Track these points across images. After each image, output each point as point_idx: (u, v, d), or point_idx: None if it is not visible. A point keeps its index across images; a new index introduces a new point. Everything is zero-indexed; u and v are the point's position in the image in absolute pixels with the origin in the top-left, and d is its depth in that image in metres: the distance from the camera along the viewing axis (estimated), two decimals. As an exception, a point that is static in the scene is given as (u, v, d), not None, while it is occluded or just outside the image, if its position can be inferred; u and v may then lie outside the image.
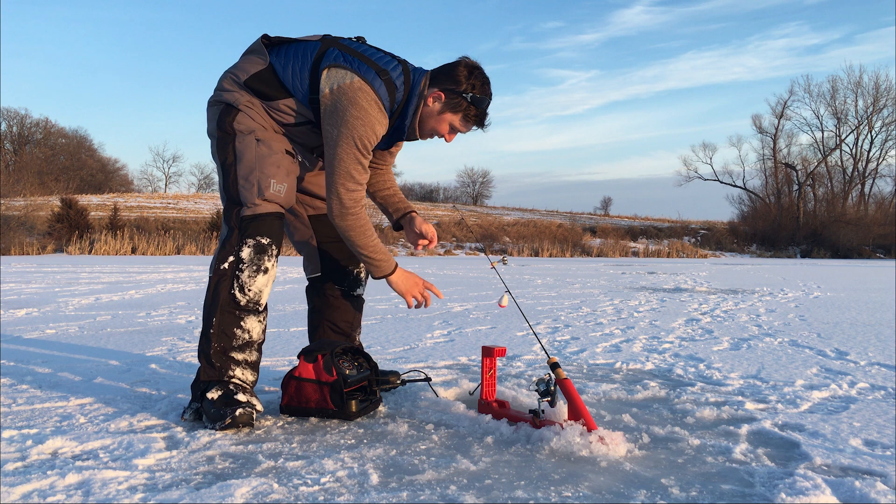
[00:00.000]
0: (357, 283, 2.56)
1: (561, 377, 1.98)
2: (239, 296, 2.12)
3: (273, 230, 2.17)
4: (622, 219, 48.50)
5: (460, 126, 2.27)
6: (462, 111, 2.22)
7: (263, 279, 2.15)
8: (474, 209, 50.15)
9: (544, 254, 29.63)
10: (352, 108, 2.10)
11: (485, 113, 2.26)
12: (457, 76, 2.20)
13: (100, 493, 1.50)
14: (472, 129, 2.29)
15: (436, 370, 3.01)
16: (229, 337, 2.12)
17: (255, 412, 2.05)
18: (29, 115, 47.81)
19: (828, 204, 41.54)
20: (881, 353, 3.53)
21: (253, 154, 2.18)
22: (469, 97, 2.20)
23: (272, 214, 2.17)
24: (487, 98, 2.24)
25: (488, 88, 2.24)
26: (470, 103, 2.21)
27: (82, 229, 24.22)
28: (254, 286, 2.13)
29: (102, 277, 10.03)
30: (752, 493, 1.55)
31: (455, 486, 1.56)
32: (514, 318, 5.03)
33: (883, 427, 2.10)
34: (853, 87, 42.45)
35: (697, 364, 3.22)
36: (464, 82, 2.20)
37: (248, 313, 2.15)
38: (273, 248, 2.17)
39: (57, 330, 4.28)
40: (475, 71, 2.22)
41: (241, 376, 2.13)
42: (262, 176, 2.16)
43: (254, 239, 2.13)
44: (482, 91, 2.22)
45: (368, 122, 2.11)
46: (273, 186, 2.16)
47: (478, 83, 2.21)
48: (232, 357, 2.12)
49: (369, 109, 2.11)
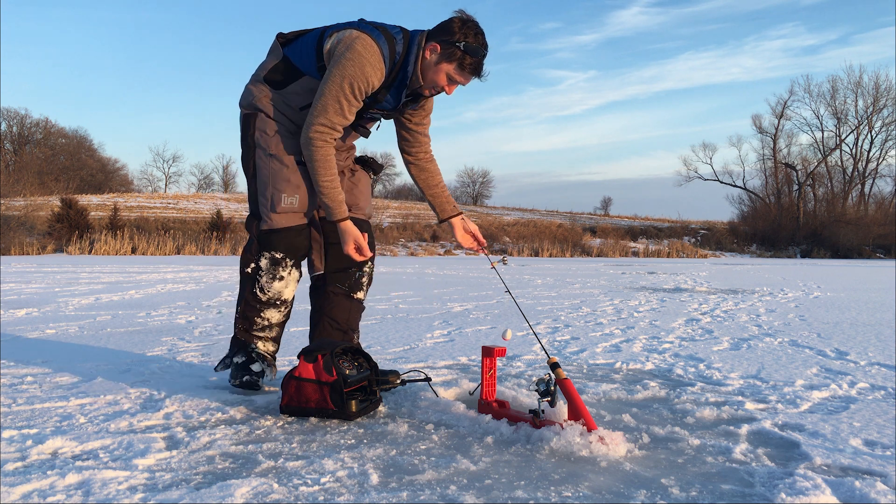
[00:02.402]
0: (358, 286, 2.61)
1: (561, 377, 1.98)
2: (260, 294, 2.47)
3: (286, 244, 2.42)
4: (622, 219, 48.50)
5: (456, 75, 2.32)
6: (457, 60, 2.29)
7: (280, 284, 2.46)
8: (474, 209, 50.15)
9: (544, 254, 29.64)
10: (348, 52, 2.24)
11: (480, 62, 2.31)
12: (451, 28, 2.29)
13: (100, 493, 1.50)
14: (469, 78, 2.35)
15: (436, 370, 3.01)
16: (251, 322, 2.49)
17: (260, 380, 2.45)
18: (29, 115, 47.87)
19: (828, 204, 41.52)
20: (881, 353, 3.53)
21: (267, 170, 2.40)
22: (462, 45, 2.27)
23: (287, 229, 2.41)
24: (481, 48, 2.30)
25: (482, 38, 2.31)
26: (464, 52, 2.27)
27: (82, 229, 24.22)
28: (272, 289, 2.46)
29: (102, 277, 10.03)
30: (752, 493, 1.55)
31: (455, 486, 1.56)
32: (514, 318, 5.03)
33: (883, 427, 2.11)
34: (853, 87, 42.46)
35: (697, 364, 3.22)
36: (457, 32, 2.28)
37: (269, 307, 2.49)
38: (287, 261, 2.44)
39: (57, 330, 4.28)
40: (468, 23, 2.31)
41: (262, 347, 2.50)
42: (274, 192, 2.39)
43: (269, 253, 2.43)
44: (476, 40, 2.29)
45: (360, 64, 2.23)
46: (284, 200, 2.38)
47: (471, 33, 2.28)
48: (255, 335, 2.50)
49: (364, 53, 2.23)
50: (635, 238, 37.28)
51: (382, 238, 30.04)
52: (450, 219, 2.67)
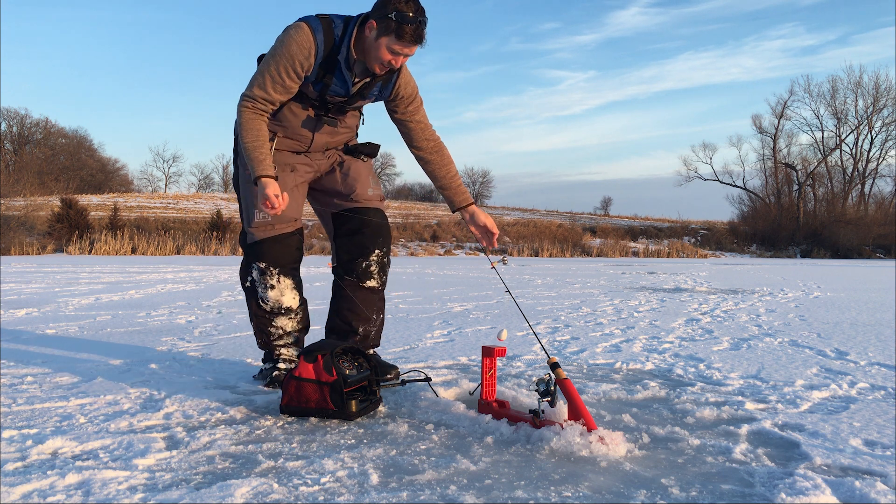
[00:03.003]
0: (367, 275, 2.66)
1: (561, 377, 1.98)
2: (263, 305, 2.62)
3: (268, 254, 2.58)
4: (622, 219, 48.49)
5: (395, 45, 2.31)
6: (393, 31, 2.29)
7: (274, 293, 2.60)
8: (474, 209, 50.05)
9: (544, 254, 29.63)
10: (282, 35, 2.38)
11: (417, 28, 2.29)
12: (385, 3, 2.30)
13: (100, 493, 1.50)
14: (408, 46, 2.31)
15: (436, 370, 3.00)
16: (267, 333, 2.66)
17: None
18: (29, 115, 47.81)
19: (828, 204, 41.49)
20: (881, 353, 3.53)
21: (245, 189, 2.61)
22: (394, 15, 2.26)
23: (266, 240, 2.57)
24: (416, 14, 2.28)
25: (414, 5, 2.29)
26: (397, 21, 2.27)
27: (82, 229, 24.22)
28: (270, 298, 2.60)
29: (102, 277, 10.03)
30: (752, 493, 1.55)
31: (455, 486, 1.56)
32: (514, 318, 5.03)
33: (883, 427, 2.11)
34: (853, 87, 42.38)
35: (697, 364, 3.22)
36: (389, 4, 2.28)
37: (276, 315, 2.63)
38: (272, 269, 2.58)
39: (57, 330, 4.28)
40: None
41: (286, 353, 2.67)
42: (249, 208, 2.59)
43: (255, 265, 2.60)
44: (407, 7, 2.28)
45: (287, 44, 2.35)
46: (257, 216, 2.55)
47: (402, 2, 2.28)
48: (275, 343, 2.66)
49: (294, 35, 2.35)
50: (635, 238, 37.27)
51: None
52: (460, 209, 2.62)
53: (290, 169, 2.60)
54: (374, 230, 2.66)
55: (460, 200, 2.61)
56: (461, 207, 2.61)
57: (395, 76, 2.51)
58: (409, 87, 2.57)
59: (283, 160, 2.58)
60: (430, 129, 2.65)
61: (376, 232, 2.66)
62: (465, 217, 2.62)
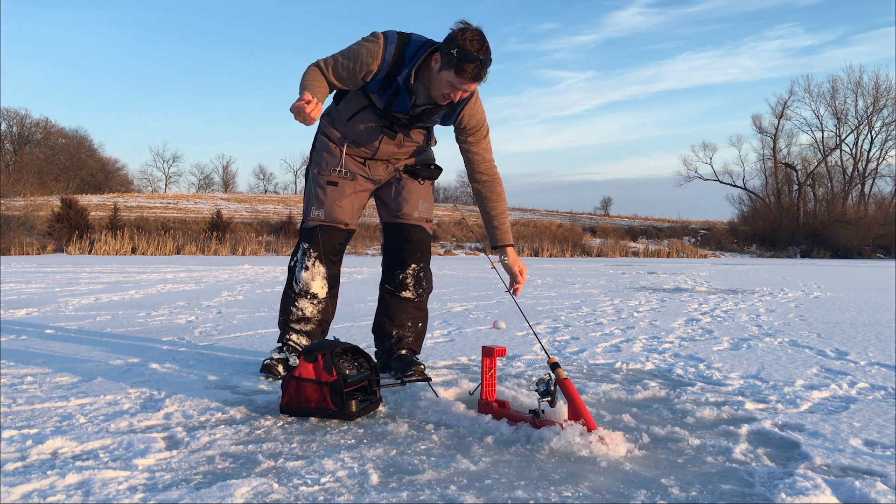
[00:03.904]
0: (402, 287, 2.85)
1: (561, 377, 1.98)
2: (294, 285, 2.82)
3: (312, 237, 2.79)
4: (622, 219, 48.47)
5: (454, 80, 2.39)
6: (454, 66, 2.37)
7: (307, 274, 2.79)
8: (474, 209, 50.10)
9: (544, 254, 29.64)
10: (362, 39, 2.54)
11: (477, 66, 2.36)
12: (450, 36, 2.38)
13: (100, 493, 1.50)
14: (465, 82, 2.40)
15: (436, 370, 3.00)
16: (288, 312, 2.84)
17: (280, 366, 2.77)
18: (29, 115, 47.78)
19: (828, 204, 41.50)
20: (881, 353, 3.53)
21: (308, 185, 2.85)
22: (456, 51, 2.34)
23: (316, 227, 2.78)
24: (477, 52, 2.34)
25: (478, 44, 2.35)
26: (458, 58, 2.34)
27: (82, 229, 24.23)
28: (301, 279, 2.80)
29: (102, 277, 10.03)
30: (752, 493, 1.55)
31: (455, 486, 1.56)
32: (514, 318, 5.03)
33: (883, 427, 2.11)
34: (853, 87, 42.43)
35: (697, 364, 3.22)
36: (455, 40, 2.36)
37: (300, 297, 2.80)
38: (311, 252, 2.79)
39: (57, 330, 4.28)
40: (466, 30, 2.38)
41: (295, 340, 2.83)
42: (308, 205, 2.83)
43: (301, 245, 2.83)
44: (471, 46, 2.34)
45: (359, 45, 2.51)
46: (313, 212, 2.80)
47: (468, 39, 2.35)
48: (291, 326, 2.83)
49: (368, 41, 2.50)
50: (635, 238, 37.27)
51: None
52: (499, 248, 2.71)
53: (351, 178, 2.80)
54: (413, 246, 2.84)
55: (503, 239, 2.70)
56: (501, 246, 2.69)
57: (460, 108, 2.59)
58: (474, 119, 2.64)
59: (349, 166, 2.79)
60: (490, 164, 2.72)
61: (415, 248, 2.84)
62: (501, 257, 2.68)
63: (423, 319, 2.94)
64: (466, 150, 2.69)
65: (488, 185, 2.71)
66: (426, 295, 2.92)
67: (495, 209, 2.71)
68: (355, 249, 27.01)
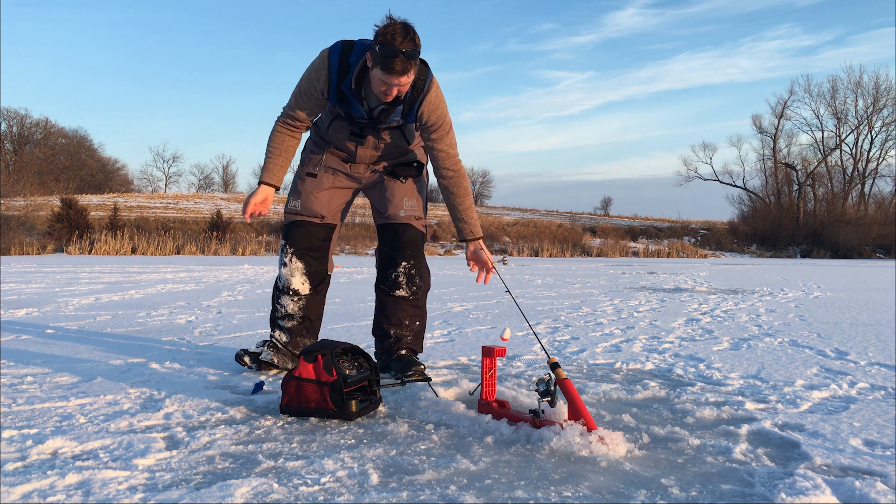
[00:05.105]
0: (396, 285, 2.86)
1: (561, 377, 1.98)
2: (278, 282, 2.92)
3: (288, 234, 2.89)
4: (622, 219, 48.46)
5: (384, 77, 2.38)
6: (380, 63, 2.36)
7: (286, 271, 2.87)
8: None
9: (544, 254, 29.63)
10: None
11: (400, 60, 2.32)
12: (376, 34, 2.36)
13: (100, 493, 1.50)
14: (394, 76, 2.37)
15: (436, 370, 3.00)
16: (274, 308, 2.94)
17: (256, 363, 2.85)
18: (29, 115, 47.76)
19: (828, 204, 41.49)
20: (881, 353, 3.53)
21: (293, 182, 2.95)
22: (379, 48, 2.34)
23: (292, 223, 2.88)
24: (397, 46, 2.31)
25: (400, 37, 2.32)
26: (381, 54, 2.34)
27: (82, 229, 24.21)
28: (283, 275, 2.89)
29: (102, 277, 10.03)
30: (752, 493, 1.55)
31: (455, 486, 1.56)
32: (514, 318, 5.03)
33: (883, 427, 2.11)
34: (853, 87, 42.40)
35: (697, 364, 3.22)
36: (377, 37, 2.35)
37: (283, 294, 2.89)
38: (288, 248, 2.88)
39: (57, 330, 4.28)
40: (389, 26, 2.35)
41: (278, 336, 2.90)
42: (288, 198, 2.93)
43: (281, 242, 2.92)
44: (392, 40, 2.31)
45: (308, 69, 2.61)
46: (290, 203, 2.90)
47: (389, 33, 2.33)
48: (276, 323, 2.92)
49: (315, 60, 2.59)
50: (635, 238, 37.27)
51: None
52: (467, 241, 2.78)
53: (331, 172, 2.88)
54: (402, 244, 2.86)
55: (471, 233, 2.76)
56: (469, 240, 2.76)
57: (419, 103, 2.59)
58: (434, 114, 2.63)
59: (329, 163, 2.88)
60: (454, 159, 2.73)
61: (404, 246, 2.86)
62: (469, 248, 2.77)
63: (421, 318, 2.94)
64: (431, 147, 2.70)
65: (454, 180, 2.73)
66: (422, 293, 2.92)
67: (462, 204, 2.75)
68: (355, 249, 27.02)
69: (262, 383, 2.55)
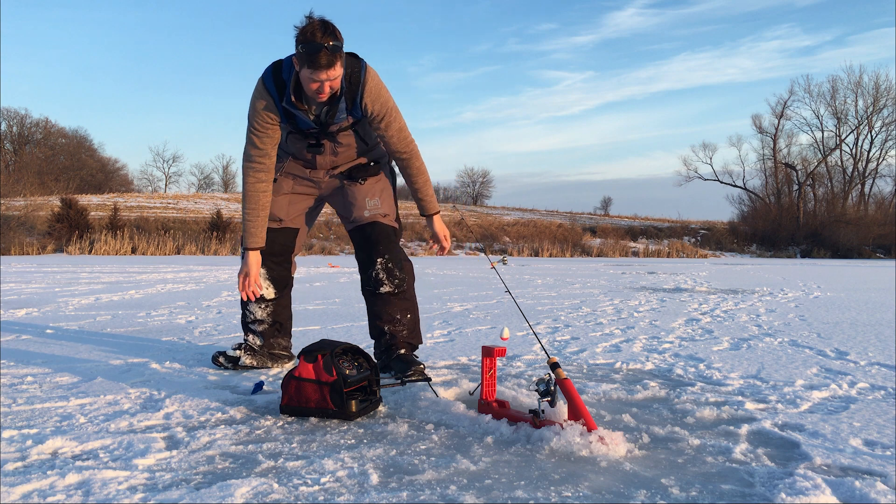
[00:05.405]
0: (378, 283, 2.87)
1: (561, 377, 1.98)
2: None
3: None
4: (622, 219, 48.46)
5: (312, 74, 2.41)
6: (305, 62, 2.39)
7: None
8: (474, 209, 50.11)
9: (544, 254, 29.63)
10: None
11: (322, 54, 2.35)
12: (297, 35, 2.39)
13: (100, 493, 1.50)
14: (321, 72, 2.39)
15: (436, 370, 3.00)
16: (244, 314, 3.03)
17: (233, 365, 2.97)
18: (29, 115, 47.78)
19: (828, 204, 41.48)
20: (881, 353, 3.53)
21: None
22: (302, 47, 2.37)
23: None
24: (318, 42, 2.34)
25: (320, 33, 2.34)
26: (304, 52, 2.37)
27: (82, 229, 24.21)
28: None
29: (102, 277, 10.03)
30: (752, 493, 1.55)
31: (455, 486, 1.56)
32: (514, 318, 5.03)
33: (883, 427, 2.11)
34: (853, 87, 42.39)
35: (697, 364, 3.22)
36: (297, 36, 2.38)
37: (249, 302, 2.96)
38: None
39: (57, 330, 4.28)
40: (307, 25, 2.37)
41: (251, 340, 3.01)
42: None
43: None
44: (313, 36, 2.34)
45: (252, 103, 2.64)
46: None
47: (308, 31, 2.36)
48: (248, 327, 3.02)
49: (254, 94, 2.63)
50: (635, 238, 37.27)
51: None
52: (426, 216, 2.94)
53: (291, 177, 2.94)
54: (373, 243, 2.88)
55: (427, 208, 2.90)
56: (426, 214, 2.91)
57: (359, 96, 2.62)
58: (376, 104, 2.66)
59: (289, 169, 2.93)
60: (405, 141, 2.77)
61: (375, 243, 2.88)
62: (427, 223, 2.94)
63: (412, 309, 2.96)
64: (382, 135, 2.74)
65: (407, 160, 2.80)
66: (406, 284, 2.93)
67: (417, 181, 2.84)
68: (353, 250, 27.01)
69: (262, 383, 2.56)
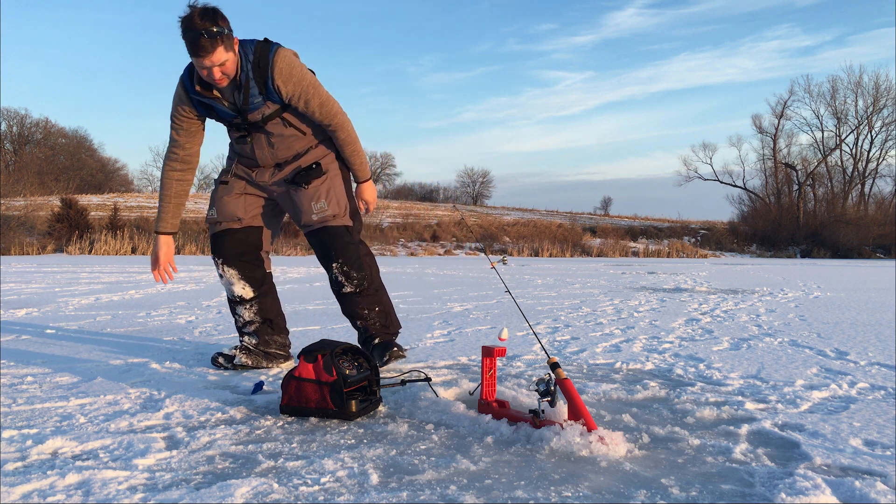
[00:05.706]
0: (339, 285, 2.93)
1: (561, 377, 1.98)
2: (227, 294, 3.05)
3: (213, 246, 3.01)
4: (622, 219, 48.47)
5: (199, 61, 2.50)
6: (189, 48, 2.48)
7: (224, 281, 3.00)
8: (474, 209, 50.13)
9: (544, 254, 29.62)
10: None
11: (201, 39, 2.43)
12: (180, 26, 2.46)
13: (100, 493, 1.50)
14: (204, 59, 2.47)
15: (436, 370, 3.01)
16: (235, 320, 3.07)
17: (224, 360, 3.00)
18: (29, 115, 47.77)
19: (828, 204, 41.47)
20: (881, 353, 3.53)
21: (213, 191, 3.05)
22: (182, 35, 2.45)
23: (214, 235, 3.00)
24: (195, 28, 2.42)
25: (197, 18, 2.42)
26: (186, 40, 2.46)
27: (82, 229, 24.21)
28: (224, 287, 3.03)
29: (102, 277, 10.03)
30: (752, 493, 1.55)
31: (455, 486, 1.56)
32: (514, 318, 5.03)
33: (883, 427, 2.11)
34: (853, 87, 42.36)
35: (697, 364, 3.22)
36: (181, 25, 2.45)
37: (235, 304, 3.03)
38: (217, 259, 2.99)
39: (57, 330, 4.28)
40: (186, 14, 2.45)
41: (247, 341, 3.03)
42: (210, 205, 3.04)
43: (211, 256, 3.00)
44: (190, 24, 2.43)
45: (172, 103, 2.76)
46: (208, 213, 3.02)
47: (186, 20, 2.44)
48: (241, 330, 3.05)
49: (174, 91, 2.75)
50: (635, 238, 37.27)
51: (382, 238, 30.04)
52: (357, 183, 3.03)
53: (241, 179, 2.99)
54: (326, 248, 2.91)
55: (357, 177, 3.00)
56: (356, 182, 3.02)
57: (269, 80, 2.63)
58: (289, 84, 2.66)
59: (237, 171, 2.98)
60: (330, 115, 2.79)
61: (327, 249, 2.91)
62: (358, 189, 3.03)
63: (379, 301, 3.00)
64: (308, 113, 2.76)
65: (334, 133, 2.85)
66: (368, 280, 2.95)
67: (344, 152, 2.91)
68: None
69: (262, 383, 2.56)
